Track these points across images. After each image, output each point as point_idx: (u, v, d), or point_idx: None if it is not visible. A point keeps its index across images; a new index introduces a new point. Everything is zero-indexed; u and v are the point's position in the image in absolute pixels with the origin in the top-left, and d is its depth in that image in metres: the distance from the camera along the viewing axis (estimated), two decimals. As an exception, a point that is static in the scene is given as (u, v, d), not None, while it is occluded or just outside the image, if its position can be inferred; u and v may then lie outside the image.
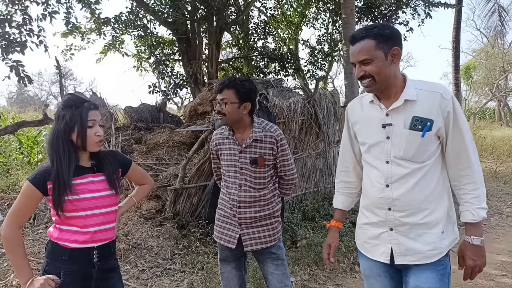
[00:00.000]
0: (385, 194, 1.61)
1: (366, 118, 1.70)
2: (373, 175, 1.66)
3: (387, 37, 1.54)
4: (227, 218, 2.20)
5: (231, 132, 2.19)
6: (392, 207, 1.60)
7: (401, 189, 1.58)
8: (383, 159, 1.62)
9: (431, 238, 1.58)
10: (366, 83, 1.58)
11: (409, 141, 1.55)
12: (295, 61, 10.20)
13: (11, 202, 5.06)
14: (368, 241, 1.73)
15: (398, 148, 1.58)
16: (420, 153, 1.56)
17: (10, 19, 5.52)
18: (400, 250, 1.61)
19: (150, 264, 3.62)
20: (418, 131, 1.54)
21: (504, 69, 22.27)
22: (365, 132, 1.71)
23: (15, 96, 37.85)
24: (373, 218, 1.69)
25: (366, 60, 1.54)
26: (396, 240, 1.62)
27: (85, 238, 1.63)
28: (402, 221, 1.60)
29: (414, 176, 1.57)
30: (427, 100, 1.55)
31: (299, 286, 3.39)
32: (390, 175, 1.60)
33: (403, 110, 1.57)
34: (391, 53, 1.55)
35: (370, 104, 1.69)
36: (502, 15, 15.08)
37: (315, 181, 5.75)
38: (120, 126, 7.08)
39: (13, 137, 7.93)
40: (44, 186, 1.57)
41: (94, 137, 1.62)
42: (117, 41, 9.41)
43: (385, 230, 1.64)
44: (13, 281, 3.23)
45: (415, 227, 1.59)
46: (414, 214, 1.58)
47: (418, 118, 1.54)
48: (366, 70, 1.55)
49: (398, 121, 1.58)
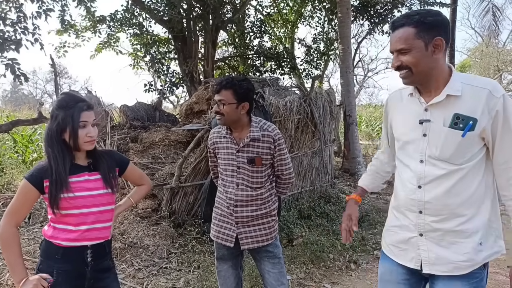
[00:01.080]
0: (416, 196, 1.49)
1: (404, 112, 1.57)
2: (406, 174, 1.54)
3: (429, 25, 1.39)
4: (224, 217, 2.21)
5: (229, 131, 2.19)
6: (423, 210, 1.48)
7: (434, 192, 1.45)
8: (417, 158, 1.49)
9: (466, 248, 1.43)
10: (402, 74, 1.46)
11: (448, 140, 1.42)
12: (291, 60, 10.20)
13: (6, 201, 5.02)
14: (397, 244, 1.61)
15: (434, 147, 1.45)
16: (459, 154, 1.42)
17: (4, 17, 5.47)
18: (430, 258, 1.49)
19: (146, 263, 3.61)
20: (459, 130, 1.39)
21: (498, 68, 22.40)
22: (400, 127, 1.59)
23: (9, 94, 37.56)
24: (404, 221, 1.57)
25: (404, 50, 1.42)
26: (426, 247, 1.49)
27: (76, 235, 1.62)
28: (433, 226, 1.47)
29: (450, 178, 1.43)
30: (473, 96, 1.39)
31: (295, 284, 3.40)
32: (423, 175, 1.47)
33: (445, 106, 1.43)
34: (433, 43, 1.40)
35: (410, 97, 1.56)
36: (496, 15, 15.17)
37: (311, 180, 5.77)
38: (116, 124, 7.05)
39: (7, 136, 7.87)
40: (41, 184, 1.58)
41: (85, 137, 1.63)
42: (112, 39, 9.37)
43: (415, 235, 1.52)
44: (8, 280, 3.21)
45: (448, 234, 1.46)
46: (448, 219, 1.45)
47: (460, 116, 1.39)
48: (403, 61, 1.43)
49: (437, 117, 1.45)
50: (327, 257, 3.84)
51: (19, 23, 5.59)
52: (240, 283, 2.40)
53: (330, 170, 6.11)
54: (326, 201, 5.52)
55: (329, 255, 3.88)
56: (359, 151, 7.97)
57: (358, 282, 3.51)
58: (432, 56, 1.42)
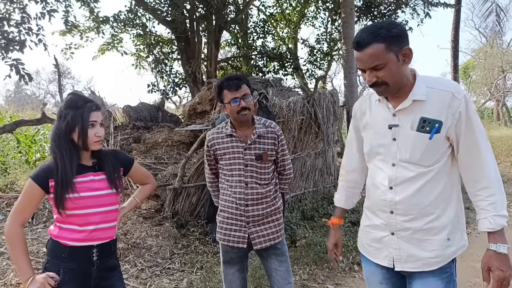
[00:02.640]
0: (387, 197, 1.53)
1: (374, 117, 1.61)
2: (378, 177, 1.58)
3: (396, 37, 1.41)
4: (233, 219, 2.18)
5: (234, 130, 2.18)
6: (394, 211, 1.53)
7: (404, 192, 1.50)
8: (389, 161, 1.53)
9: (434, 245, 1.50)
10: (379, 90, 1.48)
11: (416, 143, 1.46)
12: (294, 60, 10.21)
13: (9, 201, 5.04)
14: (371, 244, 1.66)
15: (404, 150, 1.49)
16: (428, 156, 1.47)
17: (9, 17, 5.50)
18: (401, 256, 1.54)
19: (149, 264, 3.61)
20: (426, 133, 1.45)
21: (502, 69, 22.30)
22: (371, 132, 1.61)
23: (13, 94, 37.75)
24: (376, 221, 1.61)
25: (378, 66, 1.42)
26: (397, 245, 1.54)
27: (83, 236, 1.64)
28: (404, 225, 1.52)
29: (419, 179, 1.48)
30: (437, 99, 1.44)
31: (299, 285, 3.39)
32: (395, 177, 1.51)
33: (411, 110, 1.48)
34: (402, 53, 1.42)
35: (378, 103, 1.59)
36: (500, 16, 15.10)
37: (314, 181, 5.75)
38: (119, 125, 7.07)
39: (11, 136, 7.90)
40: (46, 184, 1.59)
41: (94, 137, 1.65)
42: (116, 40, 9.40)
43: (387, 234, 1.57)
44: (12, 280, 3.22)
45: (417, 233, 1.51)
46: (417, 218, 1.50)
47: (426, 119, 1.44)
48: (378, 76, 1.44)
49: (405, 122, 1.49)
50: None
51: (23, 23, 5.61)
52: (246, 286, 2.39)
53: (333, 171, 6.09)
54: (329, 202, 5.50)
55: (333, 257, 3.86)
56: (362, 152, 7.94)
57: (361, 284, 3.49)
58: (403, 65, 1.45)
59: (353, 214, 5.11)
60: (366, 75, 1.48)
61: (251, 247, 2.19)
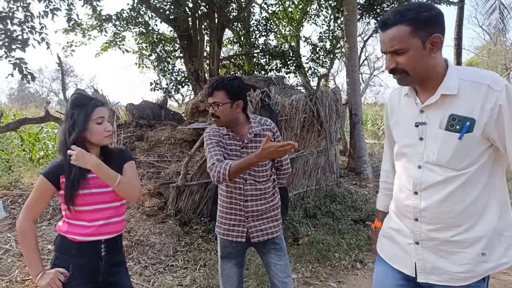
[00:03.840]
0: (412, 202, 1.39)
1: (402, 114, 1.47)
2: (403, 179, 1.45)
3: (425, 21, 1.26)
4: (232, 214, 2.22)
5: (229, 129, 2.20)
6: (419, 218, 1.38)
7: (431, 199, 1.34)
8: (416, 162, 1.39)
9: (466, 258, 1.32)
10: (398, 77, 1.35)
11: (444, 144, 1.30)
12: (297, 58, 10.20)
13: (14, 198, 5.08)
14: (393, 249, 1.52)
15: (431, 151, 1.34)
16: (458, 159, 1.29)
17: (12, 16, 5.52)
18: (425, 267, 1.39)
19: (152, 261, 3.63)
20: (456, 132, 1.28)
21: (506, 66, 22.20)
22: (399, 130, 1.48)
23: (16, 93, 37.88)
24: (401, 226, 1.48)
25: (399, 50, 1.29)
26: (422, 256, 1.40)
27: (91, 231, 1.68)
28: (430, 235, 1.37)
29: (449, 184, 1.31)
30: (470, 93, 1.27)
31: (301, 283, 3.41)
32: (420, 181, 1.36)
33: (440, 106, 1.32)
34: (431, 41, 1.27)
35: (406, 98, 1.45)
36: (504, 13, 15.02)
37: (317, 179, 5.76)
38: (122, 123, 7.09)
39: (15, 134, 7.95)
40: (57, 180, 1.64)
41: (104, 132, 1.69)
42: (118, 38, 9.42)
43: (411, 242, 1.42)
44: (17, 277, 3.25)
45: (445, 244, 1.35)
46: (446, 229, 1.34)
47: (456, 117, 1.28)
48: (398, 62, 1.31)
49: (433, 119, 1.34)
50: (333, 256, 3.84)
51: (26, 22, 5.64)
52: (242, 282, 2.41)
53: (336, 169, 6.10)
54: (331, 200, 5.52)
55: (335, 254, 3.88)
56: (365, 150, 7.95)
57: (364, 282, 3.50)
58: (430, 54, 1.30)
59: (356, 212, 5.12)
60: (386, 63, 1.35)
61: (250, 242, 2.22)
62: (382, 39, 1.34)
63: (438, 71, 1.33)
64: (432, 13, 1.28)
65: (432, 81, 1.34)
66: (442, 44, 1.30)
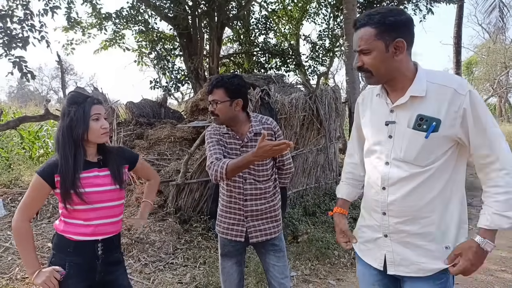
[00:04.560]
0: (380, 197, 1.47)
1: (373, 112, 1.55)
2: (372, 175, 1.52)
3: (390, 26, 1.34)
4: (231, 213, 2.21)
5: (229, 128, 2.20)
6: (387, 212, 1.47)
7: (397, 194, 1.42)
8: (383, 159, 1.47)
9: (431, 250, 1.41)
10: (364, 75, 1.46)
11: (412, 142, 1.39)
12: (296, 57, 10.20)
13: (14, 196, 5.09)
14: (365, 244, 1.62)
15: (399, 149, 1.42)
16: (424, 156, 1.38)
17: (11, 14, 5.52)
18: (394, 259, 1.47)
19: (152, 259, 3.65)
20: (423, 132, 1.36)
21: (505, 65, 22.21)
22: (369, 128, 1.56)
23: (16, 91, 37.83)
24: (370, 221, 1.57)
25: (364, 50, 1.39)
26: (391, 248, 1.48)
27: (88, 230, 1.67)
28: (397, 228, 1.45)
29: (413, 180, 1.40)
30: (437, 96, 1.35)
31: (300, 280, 3.42)
32: (388, 177, 1.44)
33: (409, 107, 1.40)
34: (394, 44, 1.35)
35: (377, 98, 1.53)
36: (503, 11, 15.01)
37: (316, 177, 5.77)
38: (122, 121, 7.10)
39: (14, 132, 7.95)
40: (52, 179, 1.62)
41: (100, 130, 1.68)
42: (118, 36, 9.41)
43: (380, 235, 1.51)
44: (17, 274, 3.26)
45: (412, 237, 1.43)
46: (412, 222, 1.42)
47: (424, 117, 1.36)
48: (364, 62, 1.41)
49: (402, 119, 1.42)
50: (332, 254, 3.86)
51: (26, 20, 5.64)
52: (242, 280, 2.42)
53: (335, 167, 6.11)
54: (331, 198, 5.53)
55: (334, 252, 3.89)
56: (364, 148, 7.95)
57: (363, 279, 3.52)
58: (393, 57, 1.37)
59: (355, 210, 5.12)
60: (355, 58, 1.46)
61: (249, 242, 2.22)
62: (353, 38, 1.45)
63: (405, 74, 1.41)
64: (399, 18, 1.36)
65: (400, 83, 1.42)
66: (405, 48, 1.38)
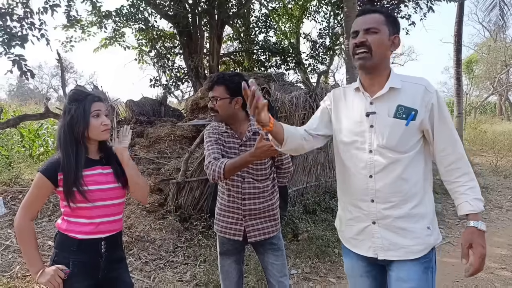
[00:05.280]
0: (368, 185, 1.56)
1: (349, 107, 1.66)
2: (356, 166, 1.60)
3: (394, 21, 1.57)
4: (230, 212, 2.21)
5: (228, 126, 2.19)
6: (375, 199, 1.55)
7: (384, 180, 1.53)
8: (366, 148, 1.56)
9: (416, 233, 1.53)
10: (362, 54, 1.52)
11: (393, 129, 1.51)
12: (296, 55, 10.18)
13: (14, 195, 5.09)
14: (354, 236, 1.66)
15: (381, 136, 1.53)
16: (403, 143, 1.51)
17: (11, 12, 5.50)
18: (383, 245, 1.56)
19: (153, 257, 3.65)
20: (402, 120, 1.51)
21: (505, 63, 22.20)
22: (347, 121, 1.64)
23: (15, 89, 37.81)
24: (357, 212, 1.63)
25: (373, 29, 1.51)
26: (379, 234, 1.57)
27: (91, 229, 1.67)
28: (384, 213, 1.55)
29: (398, 166, 1.52)
30: (412, 91, 1.53)
31: (301, 279, 3.43)
32: (373, 165, 1.55)
33: (388, 98, 1.54)
34: (392, 38, 1.56)
35: (354, 93, 1.65)
36: (504, 10, 14.97)
37: (316, 175, 5.77)
38: (122, 119, 7.09)
39: (14, 130, 7.95)
40: (55, 177, 1.62)
41: (101, 126, 1.68)
42: (118, 34, 9.40)
43: (368, 224, 1.59)
44: (18, 273, 3.27)
45: (398, 221, 1.53)
46: (397, 206, 1.53)
47: (403, 107, 1.51)
48: (368, 39, 1.51)
49: (382, 109, 1.55)
50: (332, 252, 3.86)
51: (25, 18, 5.62)
52: (242, 278, 2.42)
53: (335, 165, 6.11)
54: (331, 196, 5.52)
55: (334, 250, 3.90)
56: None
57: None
58: (389, 47, 1.56)
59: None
60: (355, 39, 1.54)
61: (247, 240, 2.22)
62: (358, 22, 1.57)
63: (385, 69, 1.58)
64: (397, 19, 1.60)
65: (380, 76, 1.57)
66: (396, 48, 1.59)
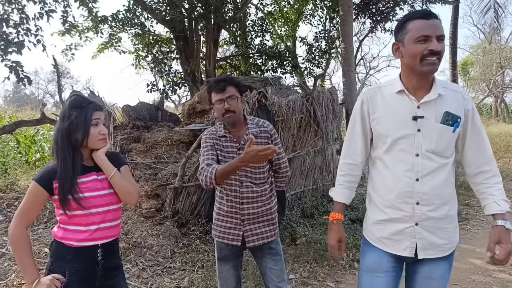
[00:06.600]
0: (415, 188, 1.59)
1: (391, 109, 1.64)
2: (400, 169, 1.61)
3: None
4: (228, 217, 2.20)
5: (227, 130, 2.19)
6: (420, 202, 1.59)
7: (430, 183, 1.58)
8: (413, 152, 1.59)
9: (449, 232, 1.63)
10: (434, 61, 1.52)
11: (441, 135, 1.56)
12: (293, 59, 10.21)
13: (9, 201, 5.06)
14: (389, 236, 1.68)
15: (429, 141, 1.57)
16: (449, 148, 1.60)
17: (7, 18, 5.49)
18: (423, 245, 1.62)
19: (150, 263, 3.63)
20: (450, 126, 1.56)
21: (501, 65, 22.32)
22: (390, 123, 1.64)
23: (11, 95, 37.67)
24: (395, 214, 1.64)
25: (442, 36, 1.52)
26: (421, 235, 1.62)
27: (87, 236, 1.65)
28: (428, 215, 1.60)
29: (442, 170, 1.59)
30: (453, 97, 1.59)
31: (299, 283, 3.41)
32: (420, 168, 1.58)
33: (435, 104, 1.57)
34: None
35: (397, 95, 1.63)
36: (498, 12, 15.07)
37: (314, 179, 5.77)
38: (119, 125, 7.07)
39: (10, 137, 7.91)
40: (50, 186, 1.60)
41: (99, 135, 1.67)
42: (114, 39, 9.39)
43: (410, 225, 1.62)
44: (14, 281, 3.23)
45: (438, 222, 1.61)
46: (439, 208, 1.60)
47: (450, 114, 1.56)
48: (441, 47, 1.52)
49: (430, 114, 1.57)
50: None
51: (21, 24, 5.61)
52: (240, 283, 2.40)
53: (332, 169, 6.11)
54: (328, 200, 5.52)
55: (333, 254, 3.88)
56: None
57: (361, 281, 3.50)
58: None
59: (353, 212, 5.13)
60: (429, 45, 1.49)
61: (245, 245, 2.21)
62: (430, 24, 1.51)
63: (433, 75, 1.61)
64: None
65: (428, 82, 1.60)
66: None
